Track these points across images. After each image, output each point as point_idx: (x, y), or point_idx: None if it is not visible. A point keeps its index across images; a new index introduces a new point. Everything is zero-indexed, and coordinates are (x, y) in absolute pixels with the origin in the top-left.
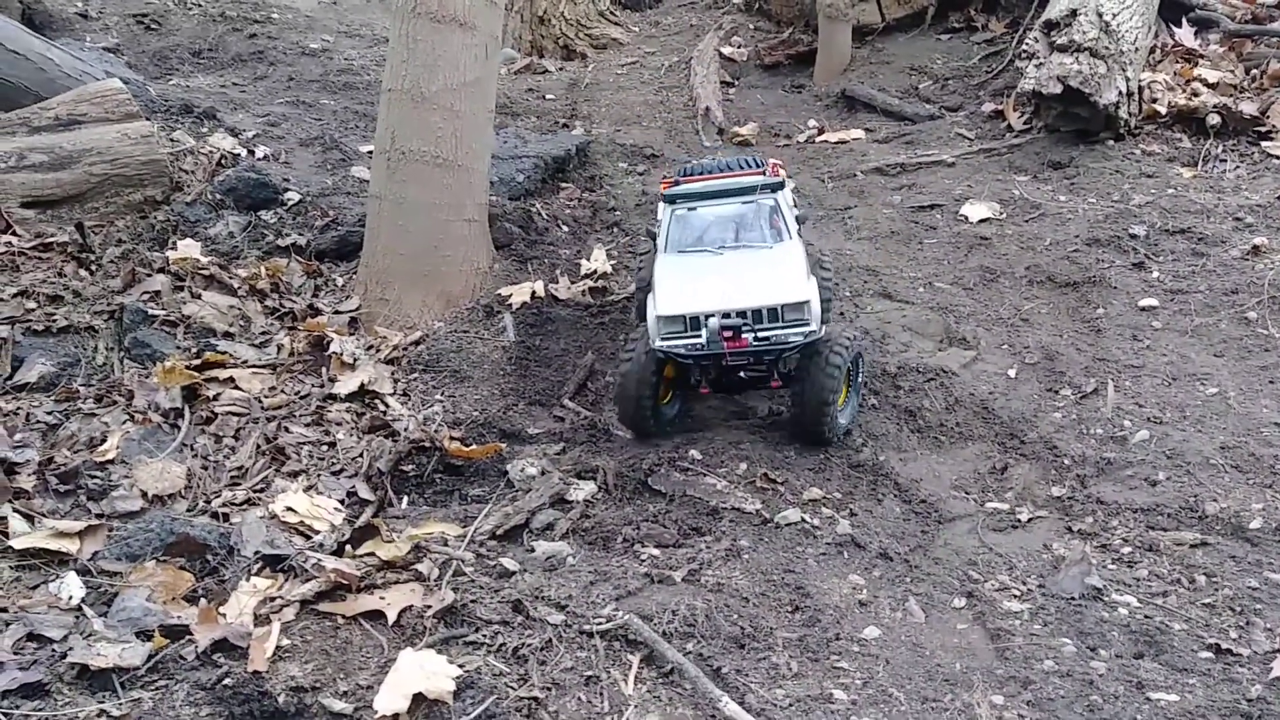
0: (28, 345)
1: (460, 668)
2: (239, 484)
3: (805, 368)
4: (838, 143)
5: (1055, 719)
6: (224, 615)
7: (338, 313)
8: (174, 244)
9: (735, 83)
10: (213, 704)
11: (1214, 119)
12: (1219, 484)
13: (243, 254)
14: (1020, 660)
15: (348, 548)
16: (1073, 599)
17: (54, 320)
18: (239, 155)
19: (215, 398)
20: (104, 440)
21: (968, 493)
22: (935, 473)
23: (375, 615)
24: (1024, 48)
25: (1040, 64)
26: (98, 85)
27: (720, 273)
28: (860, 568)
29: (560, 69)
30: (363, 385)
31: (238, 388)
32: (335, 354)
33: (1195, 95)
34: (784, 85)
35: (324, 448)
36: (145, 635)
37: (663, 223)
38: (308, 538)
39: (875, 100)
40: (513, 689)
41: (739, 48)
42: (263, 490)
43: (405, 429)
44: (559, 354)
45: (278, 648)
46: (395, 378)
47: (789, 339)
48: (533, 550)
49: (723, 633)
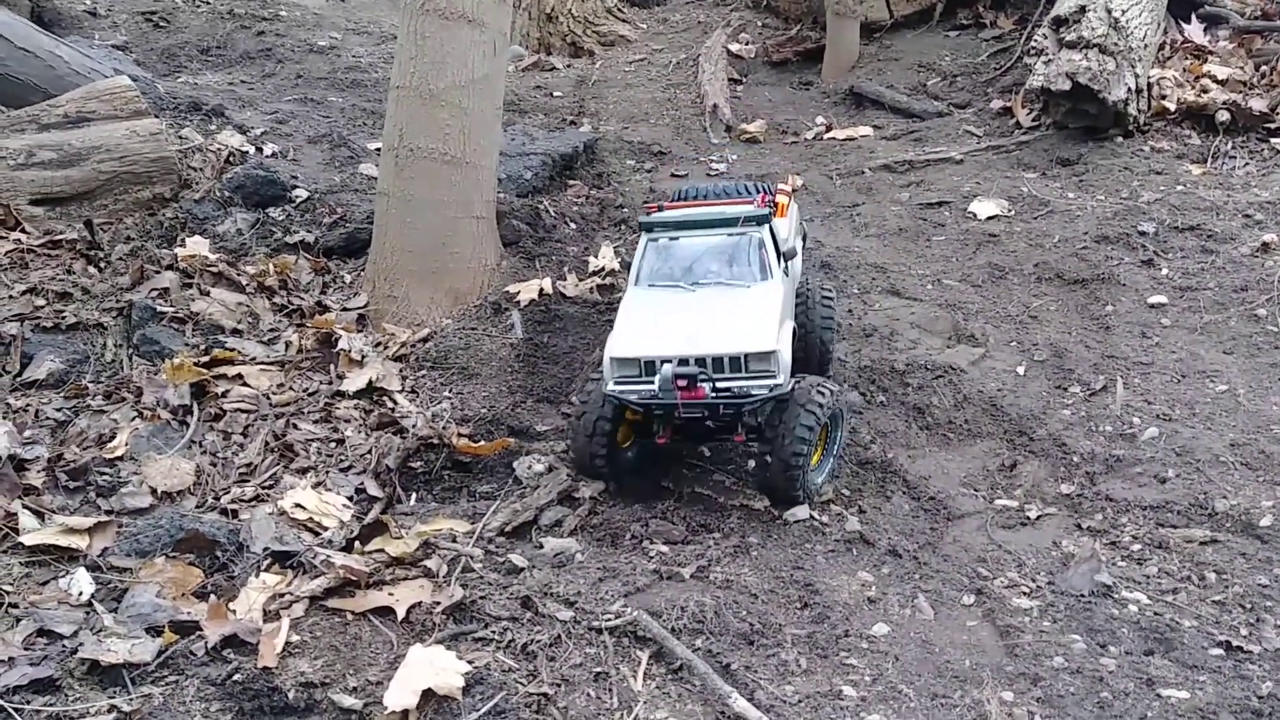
0: (37, 342)
1: (469, 664)
2: (248, 480)
3: (775, 423)
4: (846, 140)
5: (1065, 716)
6: (234, 611)
7: (346, 310)
8: (182, 241)
9: (743, 80)
10: (223, 699)
11: (1223, 115)
12: (1229, 481)
13: (251, 251)
14: (1030, 657)
15: (356, 544)
16: (1082, 596)
17: (63, 317)
18: (247, 152)
19: (224, 394)
20: (113, 437)
21: (977, 490)
22: (944, 470)
23: (384, 611)
24: (1032, 44)
25: (1049, 61)
26: (106, 82)
27: (685, 313)
28: (869, 565)
29: (568, 66)
30: (371, 382)
31: (246, 384)
32: (343, 351)
33: (1205, 92)
34: (792, 82)
35: (332, 444)
36: (155, 631)
37: (637, 253)
38: (317, 534)
39: (883, 97)
40: (522, 685)
41: (747, 45)
42: (271, 487)
43: (413, 426)
44: (567, 351)
45: (287, 644)
46: (403, 375)
47: (751, 392)
48: (541, 547)
49: (732, 629)
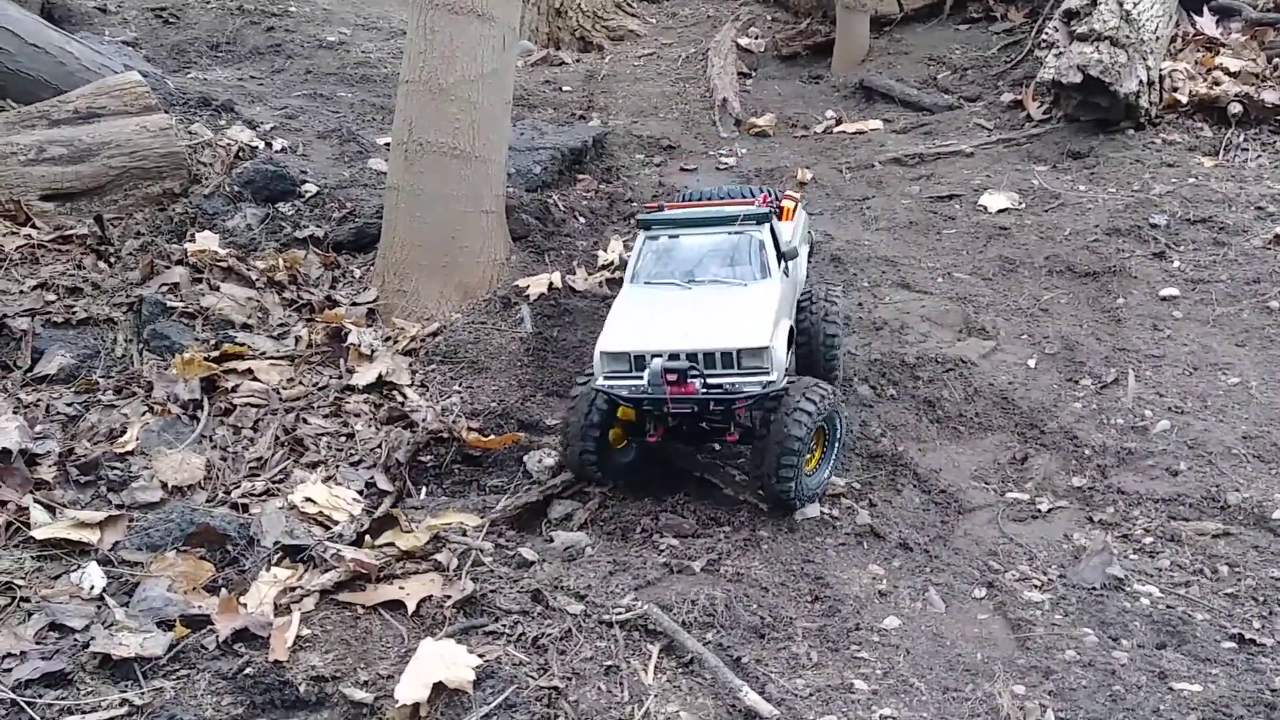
0: (47, 337)
1: (480, 657)
2: (258, 475)
3: (768, 422)
4: (855, 133)
5: (1077, 709)
6: (244, 605)
7: (355, 304)
8: (192, 236)
9: (752, 74)
10: (234, 693)
11: (1235, 108)
12: (1241, 474)
13: (260, 246)
14: (1041, 650)
15: (367, 538)
16: (1094, 589)
17: (73, 312)
18: (257, 148)
19: (234, 389)
20: (124, 431)
21: (988, 483)
22: (955, 463)
23: (395, 605)
24: (1043, 37)
25: (1060, 53)
26: (116, 78)
27: (680, 309)
28: (880, 558)
29: (577, 61)
30: (381, 376)
31: (256, 379)
32: (353, 345)
33: (1216, 84)
34: (801, 76)
35: (342, 439)
36: (166, 625)
37: (634, 251)
38: (327, 528)
39: (893, 91)
40: (533, 678)
41: (756, 39)
42: (282, 481)
43: (423, 420)
44: (576, 345)
45: (298, 637)
46: (413, 369)
47: (744, 389)
48: (551, 540)
49: (742, 622)
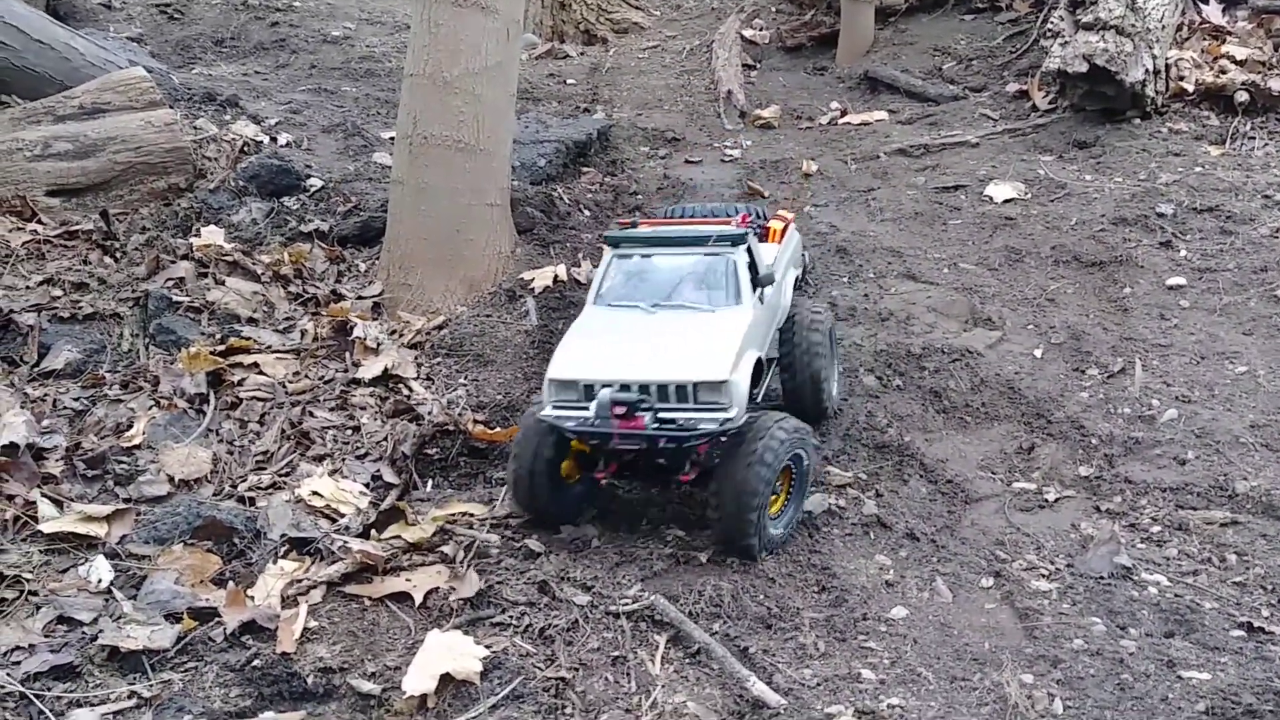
0: (54, 332)
1: (487, 648)
2: (264, 468)
3: (728, 462)
4: (860, 124)
5: (1086, 698)
6: (252, 598)
7: (361, 298)
8: (198, 231)
9: (757, 65)
10: (242, 685)
11: (1242, 96)
12: (1249, 462)
13: (266, 240)
14: (1049, 639)
15: (373, 530)
16: (1102, 578)
17: (79, 307)
18: (261, 142)
19: (240, 383)
20: (130, 426)
21: (994, 473)
22: (961, 453)
23: (401, 597)
24: (1049, 26)
25: (1065, 42)
26: (121, 74)
27: (638, 335)
28: (887, 548)
29: (581, 53)
30: (386, 370)
31: (262, 373)
32: (359, 339)
33: (1223, 72)
34: (806, 67)
35: (348, 432)
36: (174, 617)
37: (600, 269)
38: (334, 521)
39: (898, 81)
40: (540, 669)
41: (761, 30)
42: (288, 474)
43: (429, 413)
44: None
45: (305, 629)
46: (419, 362)
47: (699, 426)
48: (558, 531)
49: (749, 613)
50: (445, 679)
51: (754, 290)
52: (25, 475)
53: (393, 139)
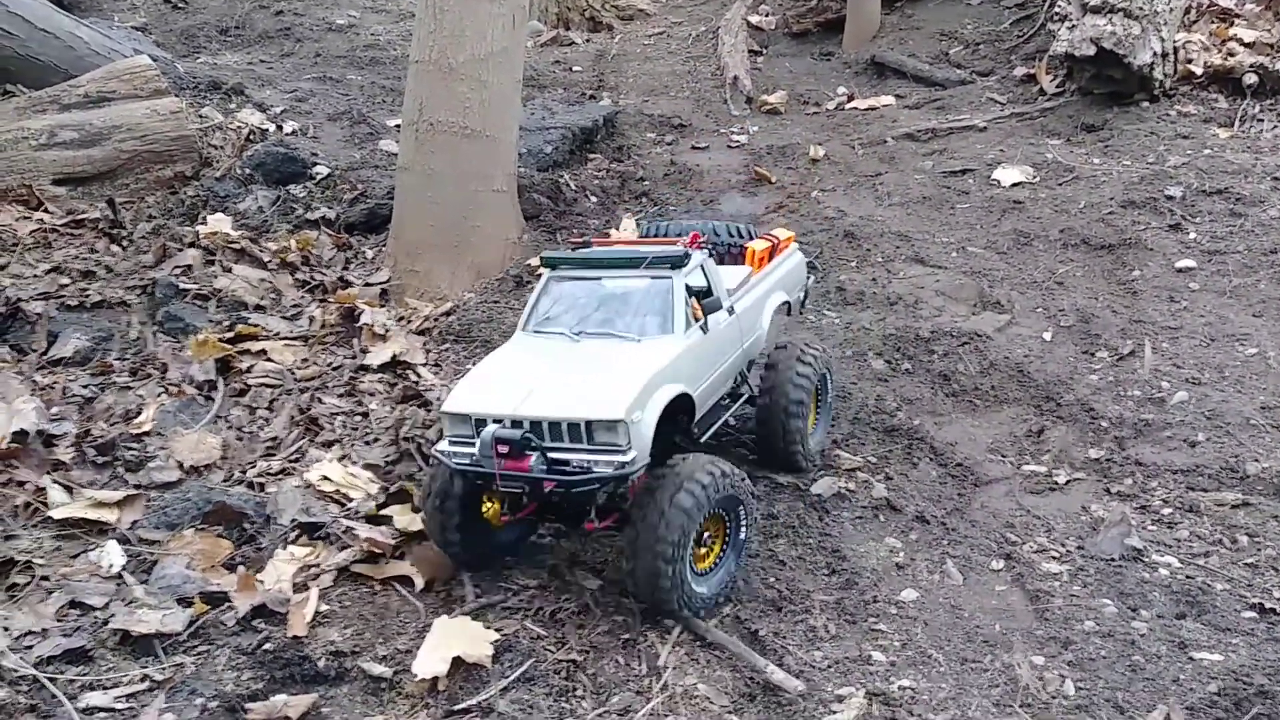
0: (62, 320)
1: (498, 632)
2: (274, 454)
3: (642, 509)
4: (868, 109)
5: (1097, 679)
6: (262, 582)
7: (368, 285)
8: (204, 219)
9: (763, 51)
10: (254, 668)
11: (1251, 78)
12: (1260, 444)
13: (273, 228)
14: (1060, 621)
15: (382, 515)
16: (1112, 560)
17: (87, 295)
18: (267, 131)
19: (248, 370)
20: (139, 413)
21: (1004, 456)
22: (971, 436)
23: (411, 581)
24: (1056, 10)
25: (1073, 26)
26: (126, 62)
27: (548, 366)
28: (897, 531)
29: (587, 41)
30: (394, 356)
31: (270, 360)
32: (367, 325)
33: (1231, 55)
34: (813, 53)
35: (357, 418)
36: (186, 602)
37: (534, 292)
38: (343, 505)
39: (905, 66)
40: (551, 652)
41: (767, 16)
42: (297, 460)
43: (437, 398)
44: None
45: (316, 613)
46: (427, 348)
47: (593, 469)
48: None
49: (759, 595)
50: (457, 662)
51: (691, 320)
52: (35, 462)
53: (399, 126)
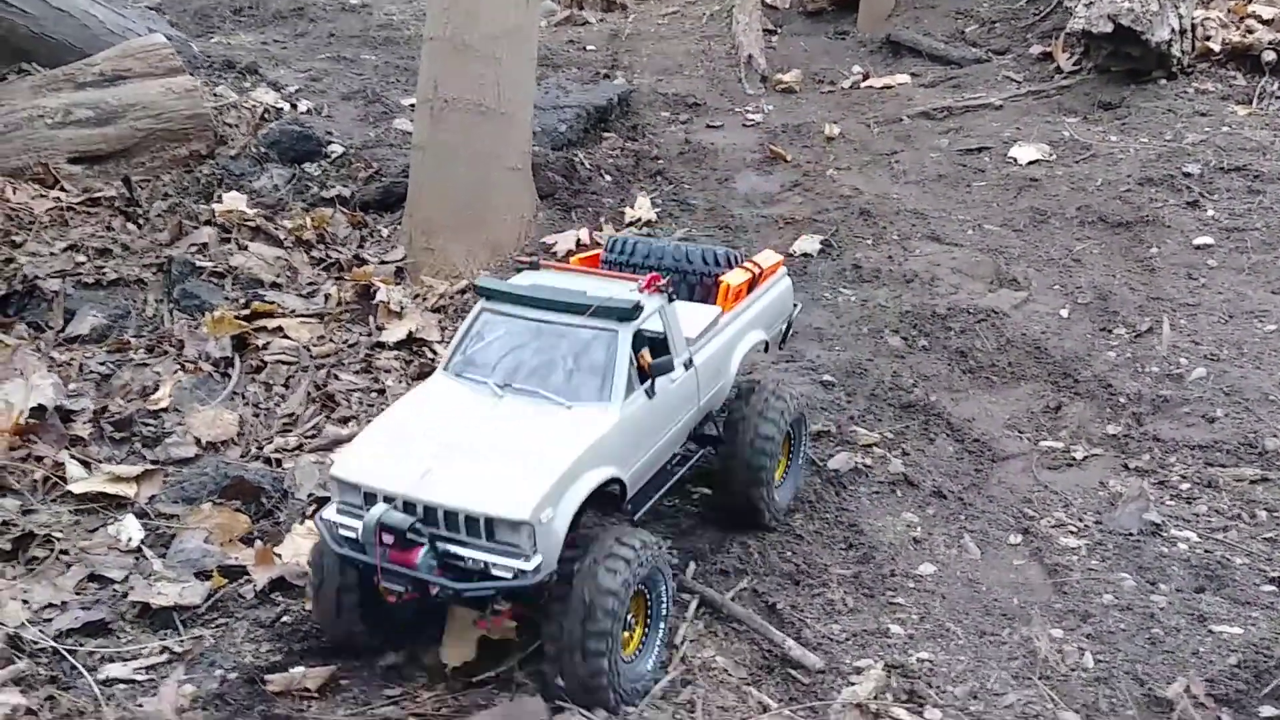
0: (78, 298)
1: None
2: (290, 430)
3: (560, 596)
4: (883, 88)
5: (1116, 651)
6: (280, 556)
7: (383, 263)
8: (219, 197)
9: (778, 30)
10: (272, 640)
11: (1269, 55)
12: (1279, 419)
13: (288, 206)
14: (1079, 594)
15: None
16: (1131, 534)
17: (104, 273)
18: (282, 109)
19: (264, 347)
20: (156, 389)
21: (1021, 432)
22: (988, 412)
23: None
24: None
25: (1090, 3)
26: (141, 40)
27: (460, 429)
28: (914, 505)
29: (601, 20)
30: (410, 333)
31: (286, 337)
32: (382, 303)
33: (1250, 32)
34: (827, 32)
35: (373, 394)
36: (204, 575)
37: (462, 326)
38: None
39: (921, 45)
40: None
41: None
42: (314, 436)
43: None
44: None
45: None
46: (442, 325)
47: (493, 572)
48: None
49: (777, 569)
50: (482, 642)
51: (640, 382)
52: (54, 437)
53: (413, 106)
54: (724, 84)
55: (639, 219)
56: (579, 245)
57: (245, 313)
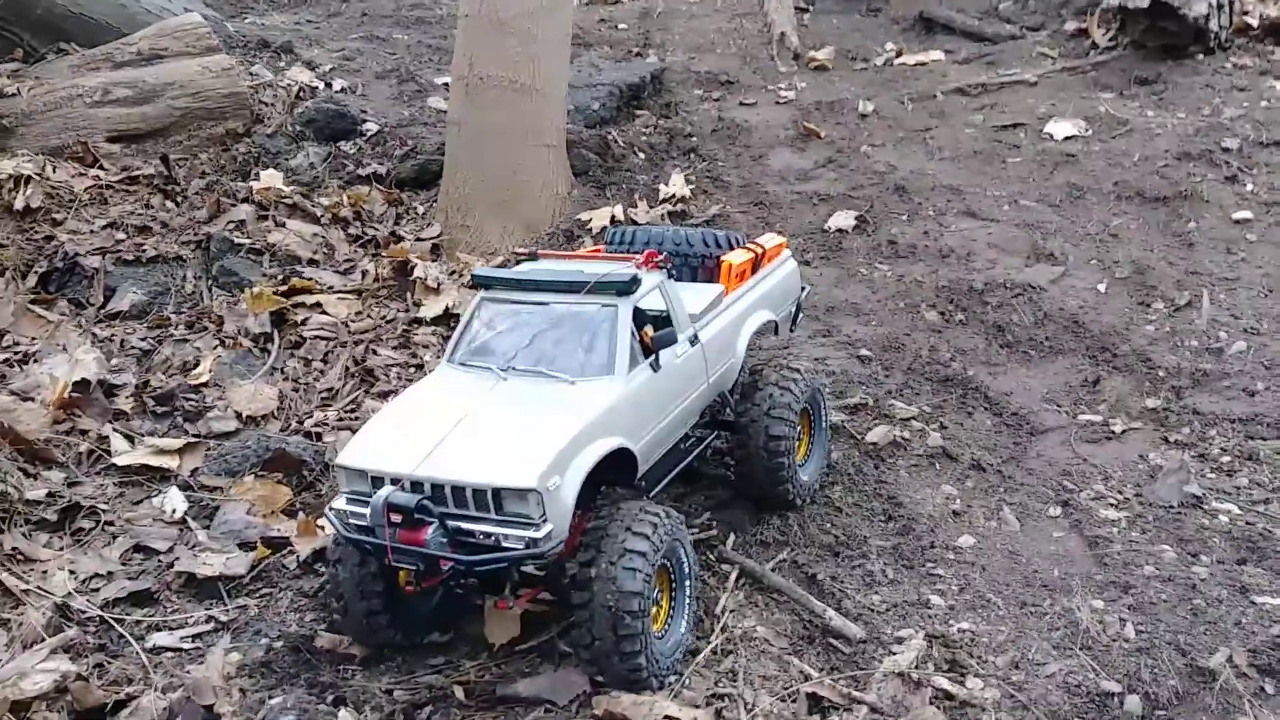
0: (119, 275)
1: None
2: (330, 405)
3: (586, 585)
4: (916, 65)
5: (1158, 622)
6: (322, 528)
7: (420, 240)
8: (257, 175)
9: (810, 7)
10: (316, 610)
11: None
12: None
13: (324, 183)
14: (1120, 566)
15: None
16: (1171, 507)
17: (143, 250)
18: (316, 88)
19: (303, 322)
20: (197, 364)
21: (1059, 405)
22: (1026, 386)
23: None
24: None
25: None
26: (178, 20)
27: (464, 412)
28: (953, 478)
29: None
30: (447, 309)
31: (325, 313)
32: (419, 279)
33: None
34: (860, 9)
35: (412, 369)
36: (247, 546)
37: (464, 316)
38: None
39: (954, 21)
40: None
41: None
42: (353, 410)
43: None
44: None
45: None
46: None
47: (503, 544)
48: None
49: (817, 541)
50: (525, 617)
51: (636, 357)
52: (97, 411)
53: (447, 84)
54: (756, 61)
55: (673, 195)
56: (613, 221)
57: (284, 289)
